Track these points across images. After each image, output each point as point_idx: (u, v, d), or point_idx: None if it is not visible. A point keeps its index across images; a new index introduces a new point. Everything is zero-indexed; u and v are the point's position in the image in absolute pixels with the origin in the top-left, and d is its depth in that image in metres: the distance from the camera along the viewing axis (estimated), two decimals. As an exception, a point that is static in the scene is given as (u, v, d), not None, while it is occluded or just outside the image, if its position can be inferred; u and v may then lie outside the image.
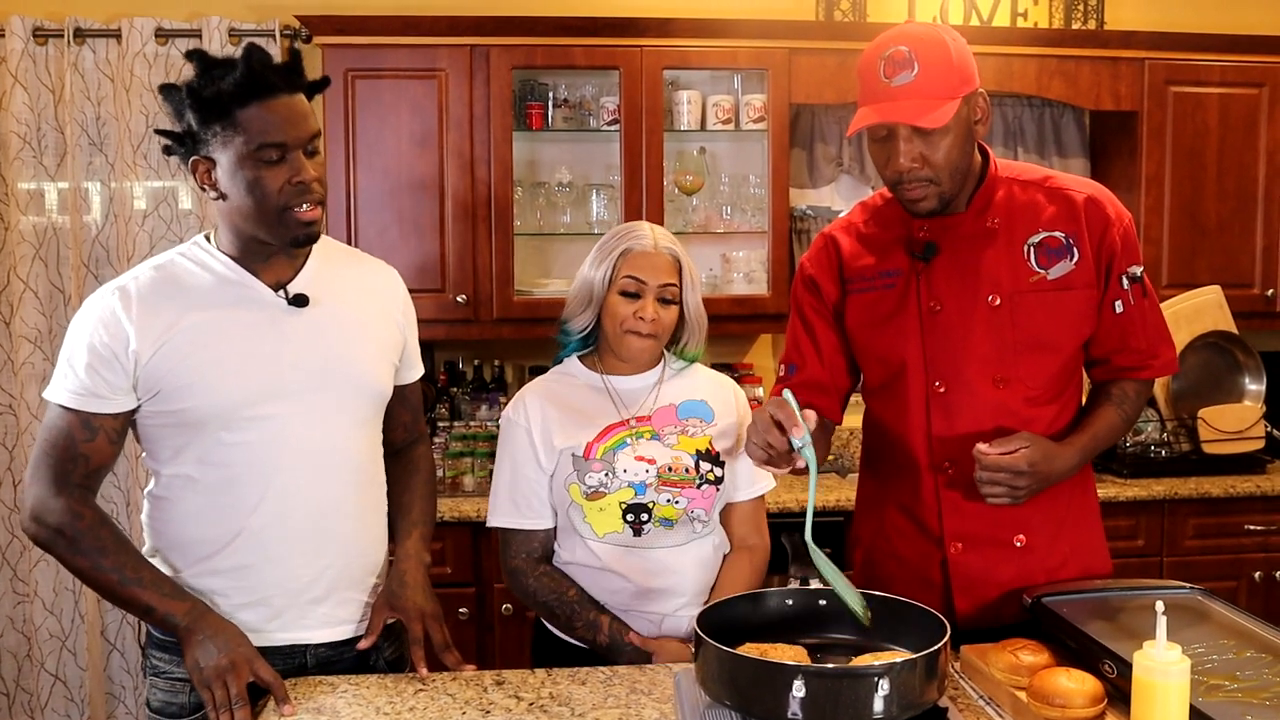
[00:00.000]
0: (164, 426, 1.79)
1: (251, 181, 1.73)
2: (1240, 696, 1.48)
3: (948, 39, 1.82)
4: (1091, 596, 1.81)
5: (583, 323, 2.06)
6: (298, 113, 1.74)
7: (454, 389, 3.68)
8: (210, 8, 3.59)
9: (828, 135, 3.85)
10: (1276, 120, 3.68)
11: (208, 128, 1.72)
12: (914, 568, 1.99)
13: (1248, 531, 3.48)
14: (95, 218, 3.62)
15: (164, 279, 1.81)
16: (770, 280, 3.55)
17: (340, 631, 1.89)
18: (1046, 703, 1.53)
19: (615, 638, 1.97)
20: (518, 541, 2.07)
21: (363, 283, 1.96)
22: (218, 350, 1.77)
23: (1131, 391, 1.98)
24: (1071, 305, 1.91)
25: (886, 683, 1.38)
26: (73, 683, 3.63)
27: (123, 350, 1.74)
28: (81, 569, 1.76)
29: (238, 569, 1.81)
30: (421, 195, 3.42)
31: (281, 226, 1.77)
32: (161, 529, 1.85)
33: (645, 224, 2.08)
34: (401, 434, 2.08)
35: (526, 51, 3.40)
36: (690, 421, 2.08)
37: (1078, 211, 1.91)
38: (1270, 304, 3.74)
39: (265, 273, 1.83)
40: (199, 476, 1.80)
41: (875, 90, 1.81)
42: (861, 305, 1.99)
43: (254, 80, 1.70)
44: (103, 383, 1.75)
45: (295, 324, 1.83)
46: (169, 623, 1.74)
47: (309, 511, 1.83)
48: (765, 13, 3.70)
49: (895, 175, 1.85)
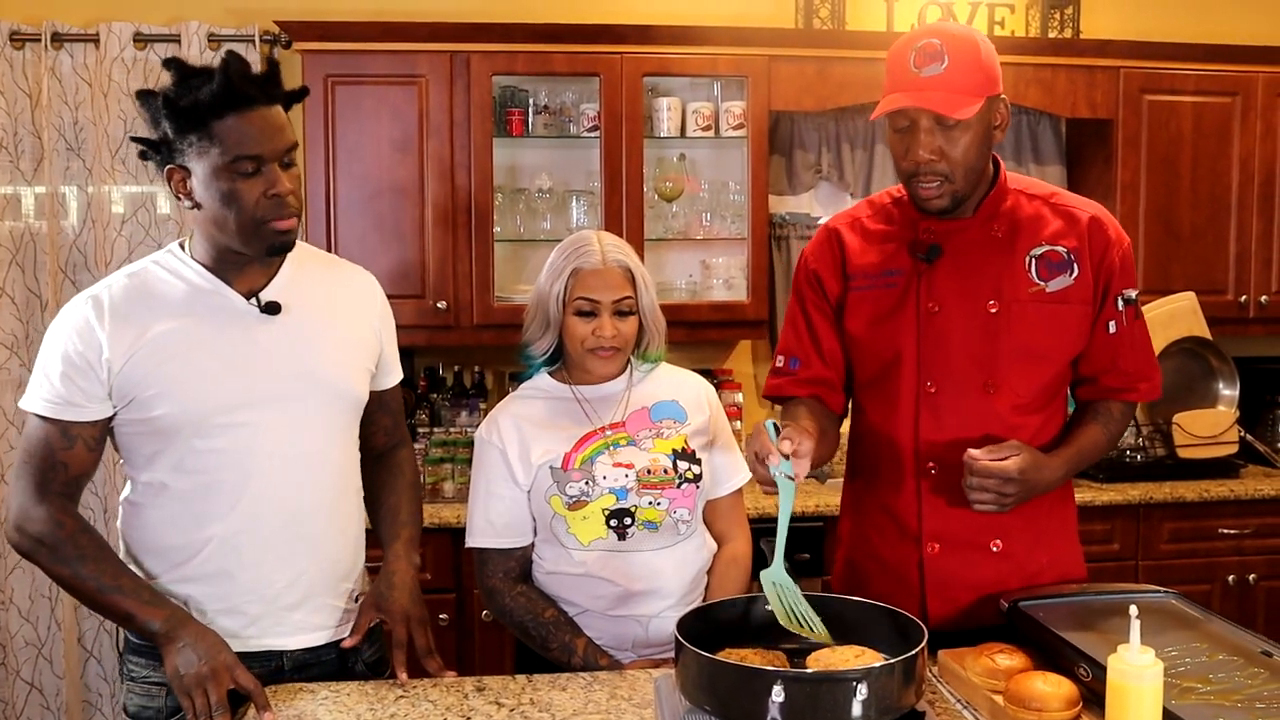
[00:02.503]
0: (138, 434, 1.80)
1: (227, 193, 1.72)
2: (1213, 699, 1.50)
3: (979, 40, 1.85)
4: (1067, 601, 1.83)
5: (545, 346, 2.07)
6: (274, 125, 1.74)
7: (434, 395, 3.67)
8: (189, 13, 3.58)
9: (807, 142, 3.87)
10: (1249, 128, 3.72)
11: (183, 137, 1.72)
12: (892, 567, 2.01)
13: (1222, 535, 3.52)
14: (73, 223, 3.60)
15: (137, 287, 1.81)
16: (750, 287, 3.56)
17: (316, 638, 1.89)
18: (1023, 706, 1.54)
19: (590, 662, 1.97)
20: (495, 561, 2.06)
21: (338, 289, 1.96)
22: (189, 358, 1.77)
23: (1117, 412, 2.01)
24: (1067, 319, 1.93)
25: (865, 687, 1.39)
26: (49, 690, 3.61)
27: (96, 359, 1.75)
28: (63, 577, 1.76)
29: (212, 575, 1.81)
30: (402, 201, 3.41)
31: (256, 238, 1.76)
32: (137, 535, 1.85)
33: (593, 237, 2.05)
34: (382, 438, 2.08)
35: (507, 58, 3.41)
36: (664, 423, 2.08)
37: (1081, 229, 1.94)
38: (1244, 310, 3.78)
39: (239, 281, 1.83)
40: (173, 483, 1.80)
41: (903, 79, 1.84)
42: (862, 302, 2.01)
43: (231, 91, 1.69)
44: (78, 391, 1.75)
45: (268, 331, 1.83)
46: (148, 630, 1.73)
47: (283, 518, 1.83)
48: (745, 20, 3.72)
49: (912, 167, 1.87)
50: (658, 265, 3.74)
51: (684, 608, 1.94)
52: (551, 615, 2.01)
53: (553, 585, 2.06)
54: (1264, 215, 3.75)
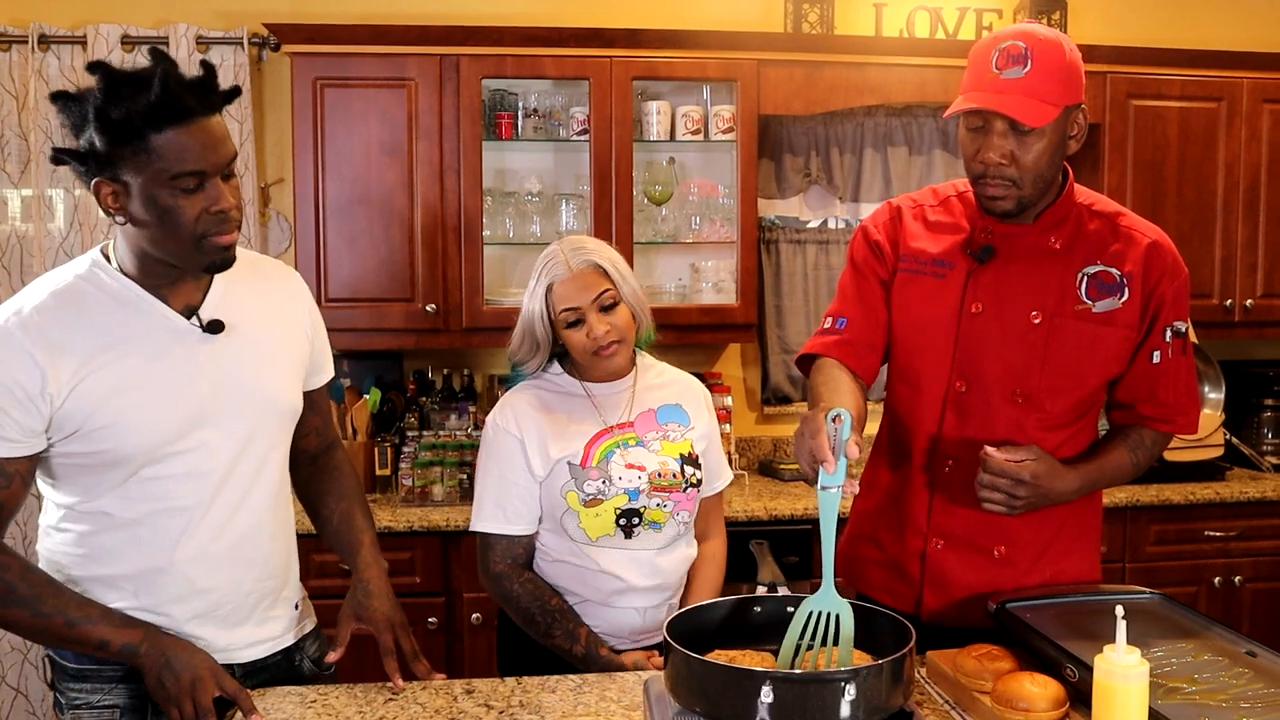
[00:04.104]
0: (76, 465, 1.70)
1: (167, 209, 1.62)
2: (1198, 699, 1.51)
3: (1065, 47, 1.81)
4: (1054, 602, 1.84)
5: (535, 365, 2.10)
6: (216, 136, 1.63)
7: (423, 398, 3.67)
8: (177, 15, 3.57)
9: (796, 146, 3.88)
10: (1235, 134, 3.75)
11: (115, 150, 1.59)
12: (893, 558, 2.02)
13: (1207, 537, 3.54)
14: (59, 225, 3.58)
15: (70, 309, 1.68)
16: (739, 290, 3.57)
17: (263, 649, 1.86)
18: (1010, 706, 1.55)
19: (591, 650, 2.01)
20: (502, 547, 2.09)
21: (269, 298, 1.88)
22: (135, 387, 1.67)
23: (1149, 440, 1.98)
24: (1109, 341, 1.90)
25: (853, 688, 1.40)
26: (34, 696, 3.57)
27: (37, 391, 1.62)
28: (19, 620, 1.65)
29: (163, 602, 1.75)
30: (391, 204, 3.41)
31: (197, 253, 1.67)
32: (69, 564, 1.75)
33: (557, 249, 2.05)
34: (314, 440, 2.04)
35: (496, 61, 3.41)
36: (670, 426, 2.13)
37: (1139, 254, 1.91)
38: (1229, 314, 3.80)
39: (173, 297, 1.73)
40: (116, 511, 1.71)
41: (983, 79, 1.81)
42: (908, 285, 1.99)
43: (170, 104, 1.57)
44: (13, 425, 1.63)
45: (210, 351, 1.75)
46: (128, 652, 1.67)
47: (231, 537, 1.78)
48: (734, 24, 3.73)
49: (981, 168, 1.85)
50: (647, 268, 3.74)
51: (676, 599, 2.11)
52: (557, 603, 2.05)
53: (554, 574, 2.09)
54: (1249, 220, 3.78)
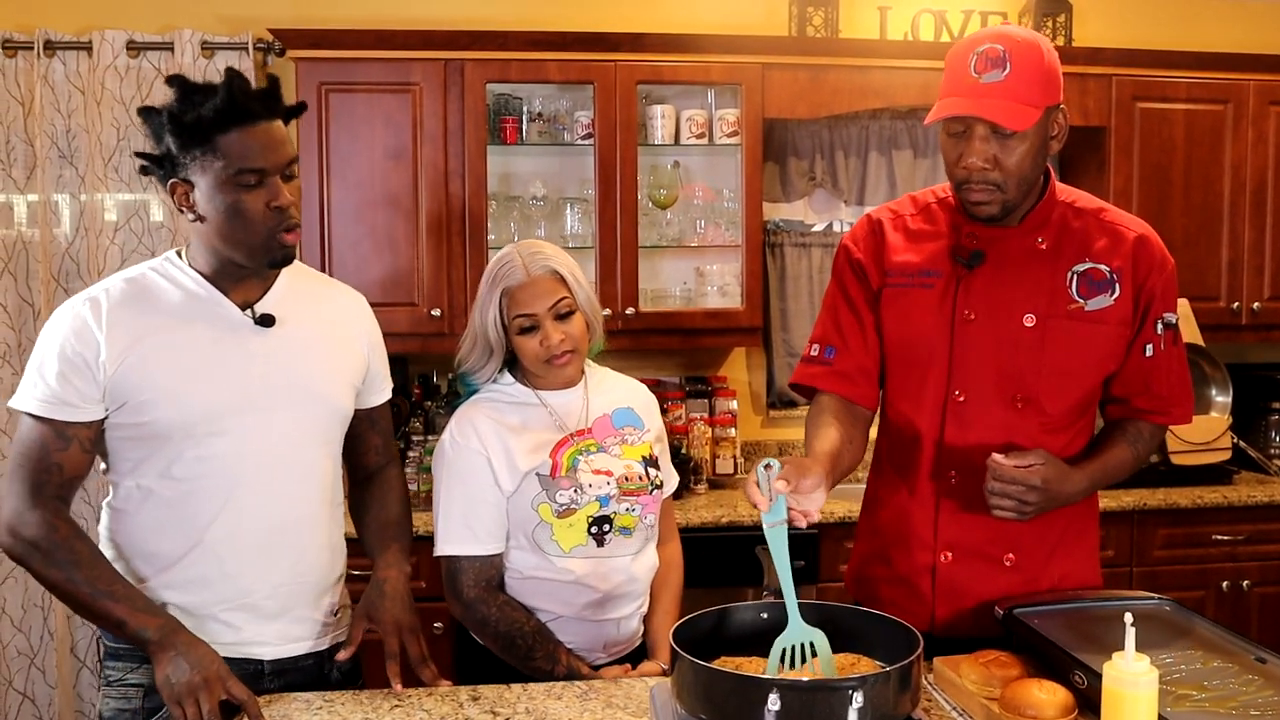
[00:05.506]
0: (127, 439, 1.81)
1: (230, 205, 1.75)
2: (1208, 706, 1.50)
3: (1043, 48, 1.80)
4: (1062, 608, 1.83)
5: (487, 374, 2.07)
6: (276, 138, 1.78)
7: (428, 403, 3.67)
8: (183, 21, 3.57)
9: (800, 149, 3.88)
10: (1241, 136, 3.74)
11: (187, 152, 1.75)
12: (902, 574, 2.00)
13: (1215, 542, 3.52)
14: (65, 231, 3.59)
15: (135, 292, 1.83)
16: (744, 294, 3.56)
17: (294, 648, 1.90)
18: (1018, 713, 1.55)
19: (572, 670, 1.98)
20: (474, 570, 2.01)
21: (328, 306, 1.99)
22: (183, 364, 1.79)
23: (1146, 433, 1.98)
24: (1103, 339, 1.90)
25: (860, 695, 1.39)
26: (41, 701, 3.59)
27: (94, 359, 1.76)
28: (55, 582, 1.76)
29: (193, 582, 1.82)
30: (395, 209, 3.41)
31: (261, 249, 1.80)
32: (121, 541, 1.85)
33: (512, 252, 2.02)
34: (373, 458, 2.11)
35: (501, 66, 3.41)
36: (626, 430, 2.11)
37: (1127, 249, 1.91)
38: (1236, 317, 3.79)
39: (235, 292, 1.86)
40: (158, 489, 1.81)
41: (962, 84, 1.80)
42: (896, 300, 1.97)
43: (235, 106, 1.72)
44: (74, 391, 1.76)
45: (260, 342, 1.85)
46: (141, 637, 1.73)
47: (266, 527, 1.84)
48: (738, 28, 3.72)
49: (964, 174, 1.83)
50: (652, 272, 3.74)
51: (645, 608, 2.10)
52: (534, 625, 2.00)
53: (526, 592, 2.04)
54: (1256, 222, 3.77)
